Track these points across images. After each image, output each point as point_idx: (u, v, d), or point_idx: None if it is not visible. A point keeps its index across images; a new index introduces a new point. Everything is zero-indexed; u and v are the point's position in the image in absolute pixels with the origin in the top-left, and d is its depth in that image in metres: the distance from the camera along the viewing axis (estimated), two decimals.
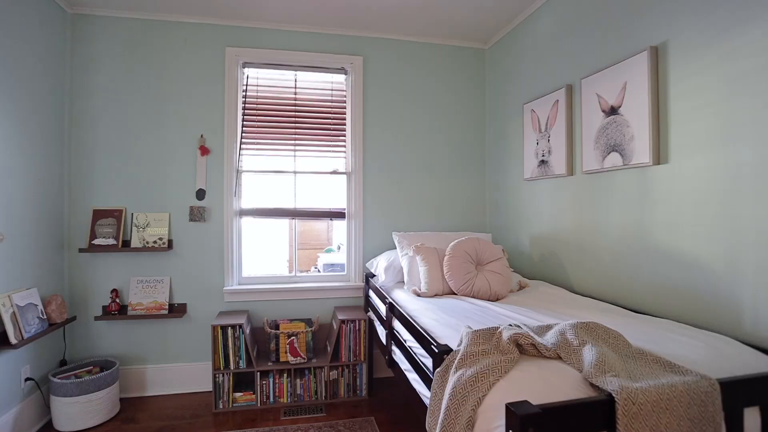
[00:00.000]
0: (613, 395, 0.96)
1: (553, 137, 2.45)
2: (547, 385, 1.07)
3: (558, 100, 2.40)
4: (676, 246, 1.69)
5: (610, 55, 2.04)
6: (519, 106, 2.83)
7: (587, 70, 2.19)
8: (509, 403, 0.93)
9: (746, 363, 1.21)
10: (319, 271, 3.89)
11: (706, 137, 1.57)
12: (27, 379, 2.29)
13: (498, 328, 1.34)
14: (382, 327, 2.36)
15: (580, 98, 2.23)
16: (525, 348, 1.24)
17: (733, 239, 1.47)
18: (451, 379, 1.21)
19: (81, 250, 2.63)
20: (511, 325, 1.39)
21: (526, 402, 0.94)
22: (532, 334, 1.28)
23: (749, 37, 1.42)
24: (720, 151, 1.52)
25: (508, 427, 0.92)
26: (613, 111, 2.00)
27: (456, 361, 1.25)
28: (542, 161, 2.56)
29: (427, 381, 1.50)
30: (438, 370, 1.31)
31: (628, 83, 1.91)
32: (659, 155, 1.77)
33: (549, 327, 1.38)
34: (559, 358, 1.21)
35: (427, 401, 1.50)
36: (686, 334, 1.42)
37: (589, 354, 1.15)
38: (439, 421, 1.18)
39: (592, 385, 1.05)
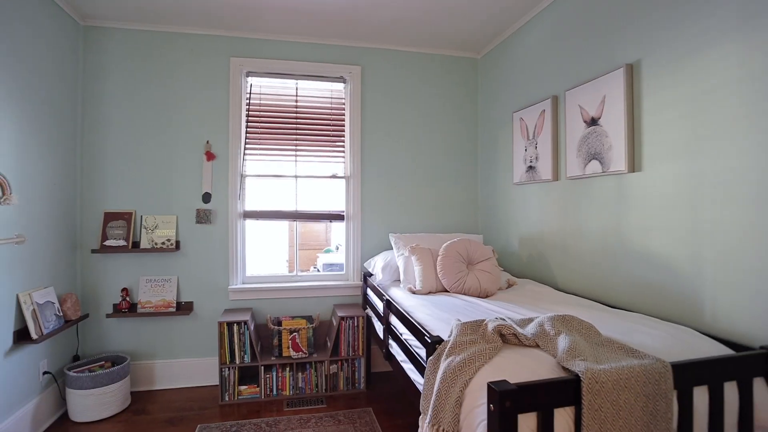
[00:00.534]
0: (580, 375, 1.12)
1: (540, 144, 2.61)
2: (525, 368, 1.23)
3: (544, 110, 2.56)
4: (648, 247, 1.86)
5: (591, 70, 2.20)
6: (509, 114, 3.00)
7: (571, 82, 2.36)
8: (490, 382, 1.09)
9: (701, 350, 1.37)
10: (318, 270, 4.03)
11: (674, 148, 1.73)
12: (45, 373, 2.42)
13: (484, 320, 1.50)
14: (379, 323, 2.51)
15: (564, 109, 2.40)
16: (507, 337, 1.40)
17: (696, 241, 1.64)
18: (442, 366, 1.37)
19: (93, 251, 2.77)
20: (496, 318, 1.55)
21: (504, 381, 1.09)
22: (514, 325, 1.44)
23: (709, 60, 1.59)
24: (685, 161, 1.69)
25: (489, 401, 1.08)
26: (593, 122, 2.16)
27: (446, 350, 1.40)
28: (530, 167, 2.72)
29: (421, 369, 1.65)
30: (431, 358, 1.46)
31: (607, 97, 2.07)
32: (634, 164, 1.94)
33: (530, 320, 1.54)
34: (538, 346, 1.37)
35: (421, 388, 1.65)
36: (652, 326, 1.58)
37: (563, 342, 1.31)
38: (432, 401, 1.34)
39: (563, 368, 1.21)
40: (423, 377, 1.55)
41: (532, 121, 2.70)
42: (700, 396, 1.24)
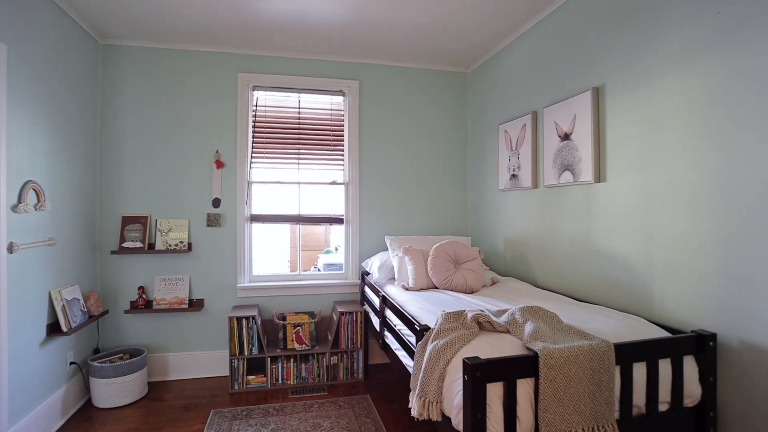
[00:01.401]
0: (538, 353, 1.38)
1: (522, 155, 2.88)
2: (496, 349, 1.49)
3: (525, 124, 2.83)
4: (611, 249, 2.13)
5: (565, 90, 2.47)
6: (495, 126, 3.26)
7: (548, 100, 2.63)
8: (465, 358, 1.35)
9: (645, 334, 1.64)
10: (319, 270, 4.28)
11: (631, 162, 2.00)
12: (71, 363, 2.66)
13: (465, 311, 1.76)
14: (376, 317, 2.77)
15: (542, 124, 2.66)
16: (483, 325, 1.66)
17: (649, 243, 1.91)
18: (428, 349, 1.63)
19: (112, 252, 3.01)
20: (476, 310, 1.81)
21: (476, 357, 1.35)
22: (489, 315, 1.70)
23: (657, 89, 1.86)
24: (640, 174, 1.95)
25: (464, 373, 1.34)
26: (566, 137, 2.43)
27: (432, 336, 1.66)
28: (513, 175, 2.98)
29: (412, 354, 1.91)
30: (419, 343, 1.72)
31: (577, 115, 2.34)
32: (599, 175, 2.21)
33: (504, 311, 1.81)
34: (508, 332, 1.63)
35: (411, 370, 1.91)
36: (610, 315, 1.85)
37: (528, 328, 1.57)
38: (419, 378, 1.60)
39: (527, 348, 1.47)
40: (413, 360, 1.81)
41: (515, 134, 2.96)
42: (640, 370, 1.50)
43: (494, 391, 1.35)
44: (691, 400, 1.57)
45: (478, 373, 1.30)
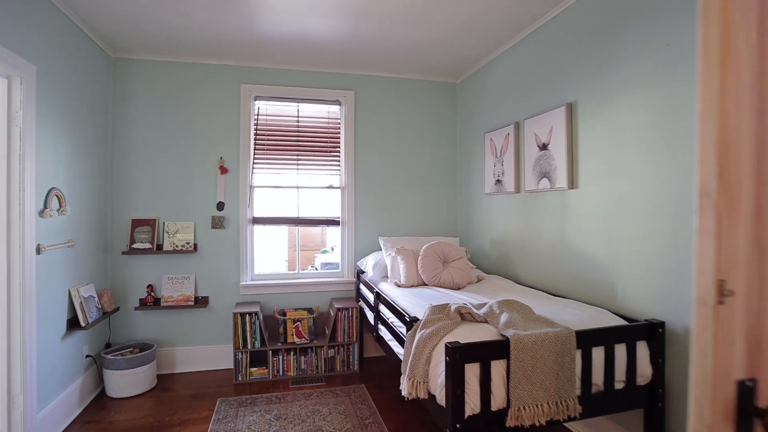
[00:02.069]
0: (509, 338, 1.61)
1: (506, 162, 3.11)
2: (474, 336, 1.72)
3: (509, 134, 3.07)
4: (583, 249, 2.37)
5: (543, 104, 2.71)
6: (481, 134, 3.50)
7: (529, 112, 2.86)
8: (447, 342, 1.58)
9: (605, 323, 1.88)
10: (317, 269, 4.50)
11: (599, 172, 2.25)
12: (87, 356, 2.86)
13: (449, 304, 2.00)
14: (370, 311, 2.99)
15: (524, 134, 2.90)
16: (465, 316, 1.90)
17: (614, 244, 2.15)
18: (416, 337, 1.85)
19: (123, 253, 3.20)
20: (461, 303, 2.04)
21: (456, 341, 1.58)
22: (470, 307, 1.93)
23: (621, 108, 2.10)
24: (607, 182, 2.20)
25: (446, 355, 1.57)
26: (544, 147, 2.67)
27: (420, 325, 1.89)
28: (498, 180, 3.22)
29: (403, 343, 2.14)
30: (409, 332, 1.95)
31: (554, 127, 2.58)
32: (572, 182, 2.45)
33: (484, 304, 2.04)
34: (486, 322, 1.87)
35: (402, 357, 2.14)
36: (578, 308, 2.09)
37: (503, 318, 1.81)
38: (409, 363, 1.83)
39: (501, 335, 1.71)
40: (403, 348, 2.03)
41: (499, 142, 3.20)
42: (599, 353, 1.74)
43: (472, 371, 1.58)
44: (643, 379, 1.82)
45: (457, 355, 1.53)
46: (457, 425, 1.55)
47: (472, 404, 1.57)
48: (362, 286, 3.41)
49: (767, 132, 0.64)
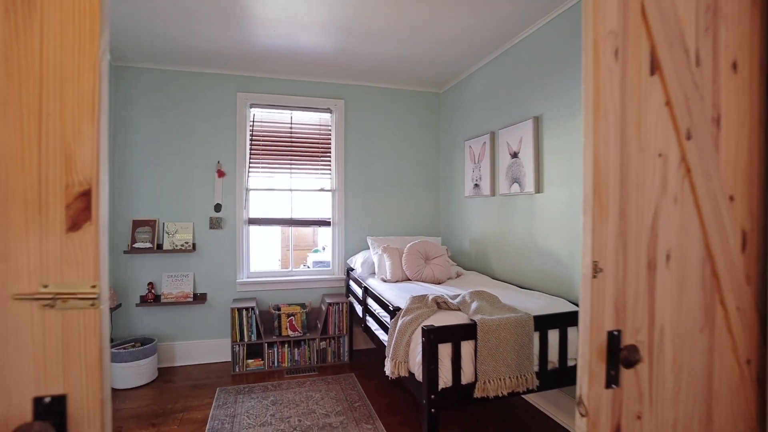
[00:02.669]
0: (477, 322, 1.88)
1: (483, 168, 3.40)
2: (448, 321, 1.99)
3: (485, 142, 3.35)
4: (547, 246, 2.66)
5: (514, 116, 3.00)
6: (462, 141, 3.78)
7: (502, 123, 3.15)
8: (423, 326, 1.84)
9: (562, 309, 2.16)
10: (309, 267, 4.73)
11: (560, 178, 2.54)
12: None
13: (427, 294, 2.26)
14: (359, 305, 3.24)
15: (498, 143, 3.19)
16: (441, 305, 2.16)
17: (573, 242, 2.44)
18: (398, 323, 2.12)
19: (124, 252, 3.41)
20: (439, 294, 2.31)
21: (431, 325, 1.85)
22: (446, 297, 2.20)
23: (578, 122, 2.39)
24: (566, 187, 2.49)
25: (422, 337, 1.83)
26: (515, 155, 2.96)
27: (402, 314, 2.15)
28: (476, 185, 3.51)
29: (387, 331, 2.39)
30: (392, 320, 2.21)
31: (523, 138, 2.87)
32: (539, 187, 2.74)
33: (458, 295, 2.31)
34: (459, 309, 2.14)
35: (386, 343, 2.40)
36: (541, 298, 2.38)
37: (473, 306, 2.08)
38: (392, 346, 2.09)
39: (470, 320, 1.98)
40: (387, 335, 2.29)
41: (477, 149, 3.49)
42: (554, 335, 2.02)
43: (444, 350, 1.85)
44: None
45: (432, 336, 1.80)
46: (432, 396, 1.81)
47: (444, 378, 1.84)
48: (351, 282, 3.66)
49: (626, 160, 0.91)
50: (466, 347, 1.88)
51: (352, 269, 3.72)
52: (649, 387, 0.99)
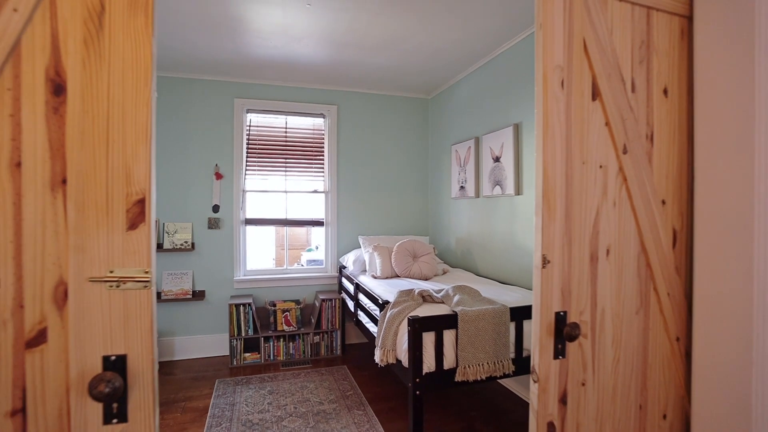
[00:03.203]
0: (458, 313, 2.08)
1: (468, 171, 3.60)
2: (432, 312, 2.18)
3: (470, 146, 3.56)
4: (525, 244, 2.87)
5: (497, 123, 3.21)
6: (448, 145, 3.98)
7: (486, 129, 3.36)
8: (409, 317, 2.04)
9: None
10: (303, 265, 4.90)
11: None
12: None
13: (413, 289, 2.46)
14: (351, 300, 3.43)
15: (482, 147, 3.39)
16: (426, 298, 2.36)
17: None
18: (387, 315, 2.31)
19: None
20: (424, 289, 2.50)
21: (417, 315, 2.04)
22: (431, 291, 2.40)
23: None
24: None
25: (408, 326, 2.02)
26: (497, 159, 3.17)
27: (390, 306, 2.35)
28: (461, 187, 3.71)
29: (377, 323, 2.58)
30: (382, 312, 2.40)
31: (504, 143, 3.07)
32: (519, 189, 2.95)
33: (443, 289, 2.51)
34: (443, 302, 2.33)
35: (376, 334, 2.58)
36: (518, 291, 2.58)
37: (455, 299, 2.28)
38: (381, 336, 2.28)
39: (452, 311, 2.17)
40: (377, 326, 2.48)
41: (463, 153, 3.69)
42: (528, 325, 2.23)
43: (428, 338, 2.04)
44: None
45: (417, 325, 1.99)
46: (417, 380, 2.00)
47: (428, 364, 2.03)
48: (344, 280, 3.84)
49: (571, 171, 1.11)
50: (448, 336, 2.08)
51: (345, 267, 3.91)
52: (592, 359, 1.19)
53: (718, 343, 1.19)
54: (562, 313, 1.11)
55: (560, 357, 1.12)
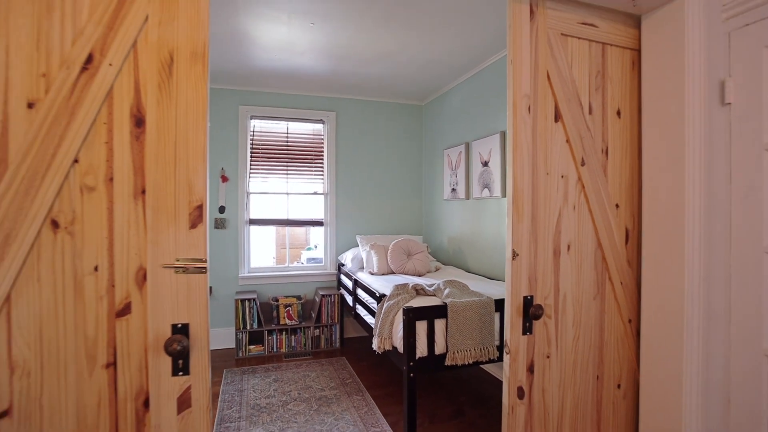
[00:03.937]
0: (447, 304, 2.32)
1: (459, 175, 3.85)
2: (424, 303, 2.42)
3: (461, 151, 3.81)
4: None
5: (485, 130, 3.46)
6: (441, 150, 4.23)
7: (475, 136, 3.61)
8: (404, 307, 2.28)
9: None
10: (303, 263, 5.12)
11: None
12: None
13: (407, 283, 2.70)
14: (349, 295, 3.66)
15: (472, 152, 3.64)
16: (419, 291, 2.60)
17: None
18: (384, 307, 2.54)
19: None
20: (417, 283, 2.75)
21: (411, 306, 2.28)
22: (423, 285, 2.64)
23: None
24: None
25: (403, 315, 2.26)
26: (486, 164, 3.42)
27: (386, 299, 2.59)
28: (453, 189, 3.96)
29: (374, 315, 2.82)
30: (379, 305, 2.64)
31: (492, 149, 3.32)
32: (505, 191, 3.20)
33: (435, 284, 2.75)
34: (434, 295, 2.58)
35: (374, 326, 2.82)
36: (502, 285, 2.82)
37: (446, 291, 2.52)
38: (378, 326, 2.52)
39: (443, 302, 2.42)
40: (374, 318, 2.72)
41: (454, 157, 3.94)
42: None
43: (421, 326, 2.28)
44: None
45: (410, 315, 2.23)
46: (411, 363, 2.24)
47: (421, 349, 2.27)
48: (342, 276, 4.07)
49: (536, 180, 1.36)
50: (439, 324, 2.32)
51: (343, 264, 4.14)
52: (556, 336, 1.43)
53: (660, 323, 1.44)
54: (529, 297, 1.35)
55: (528, 333, 1.37)
